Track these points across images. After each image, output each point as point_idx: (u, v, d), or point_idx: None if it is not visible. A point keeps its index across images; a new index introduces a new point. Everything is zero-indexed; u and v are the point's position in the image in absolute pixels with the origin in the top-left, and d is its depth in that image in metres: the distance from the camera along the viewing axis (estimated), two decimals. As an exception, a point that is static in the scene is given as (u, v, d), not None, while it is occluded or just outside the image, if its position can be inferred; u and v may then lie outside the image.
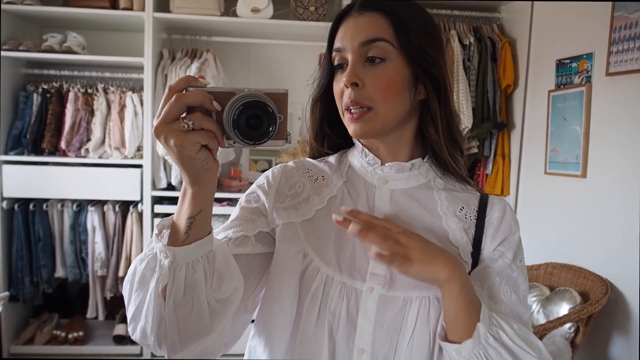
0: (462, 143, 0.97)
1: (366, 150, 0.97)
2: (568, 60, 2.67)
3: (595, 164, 2.47)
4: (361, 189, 0.96)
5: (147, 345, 0.76)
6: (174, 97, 0.67)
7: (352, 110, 0.87)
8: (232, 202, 3.10)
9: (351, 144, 1.03)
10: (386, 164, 0.95)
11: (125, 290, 0.78)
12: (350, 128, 0.89)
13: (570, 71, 2.65)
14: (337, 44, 0.90)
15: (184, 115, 0.68)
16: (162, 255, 0.73)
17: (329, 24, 0.95)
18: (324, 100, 0.97)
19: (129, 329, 0.77)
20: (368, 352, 0.85)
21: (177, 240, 0.74)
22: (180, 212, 0.75)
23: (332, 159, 1.02)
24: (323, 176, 0.98)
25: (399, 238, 0.81)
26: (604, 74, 2.40)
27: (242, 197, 0.98)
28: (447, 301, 0.82)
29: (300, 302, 0.87)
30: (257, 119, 0.68)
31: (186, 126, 0.66)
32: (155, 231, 0.77)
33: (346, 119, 0.89)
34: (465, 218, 0.93)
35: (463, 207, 0.94)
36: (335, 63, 0.91)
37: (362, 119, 0.87)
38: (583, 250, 2.53)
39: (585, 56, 2.54)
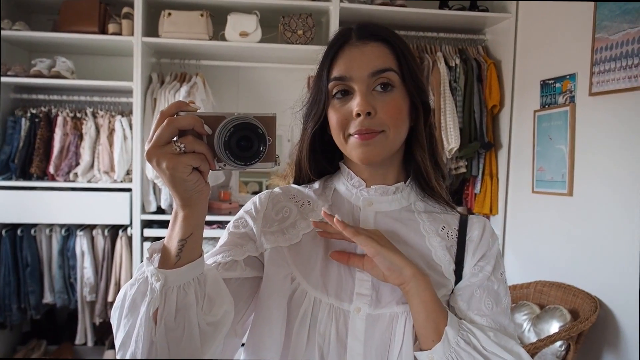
0: (444, 168, 1.01)
1: (352, 173, 1.00)
2: (552, 81, 2.72)
3: (581, 183, 2.50)
4: (346, 211, 0.98)
5: None
6: (165, 121, 0.69)
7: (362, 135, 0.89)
8: (222, 224, 3.09)
9: (335, 169, 1.06)
10: (372, 187, 0.98)
11: (113, 317, 0.77)
12: (357, 152, 0.90)
13: (554, 91, 2.70)
14: (339, 73, 0.91)
15: (175, 138, 0.69)
16: (154, 278, 0.73)
17: (317, 47, 0.99)
18: (315, 125, 0.98)
19: (118, 356, 0.77)
20: None
21: (169, 263, 0.75)
22: (172, 235, 0.76)
23: (316, 184, 1.05)
24: (309, 201, 1.01)
25: (375, 237, 0.87)
26: (587, 94, 2.45)
27: (230, 223, 0.99)
28: (414, 300, 0.85)
29: (289, 325, 0.89)
30: (247, 140, 0.70)
31: (178, 149, 0.68)
32: (147, 255, 0.78)
33: (352, 143, 0.91)
34: (447, 237, 0.96)
35: (444, 227, 0.97)
36: (336, 91, 0.92)
37: (373, 141, 0.89)
38: (572, 268, 2.55)
39: (568, 77, 2.59)
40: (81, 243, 3.07)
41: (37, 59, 3.07)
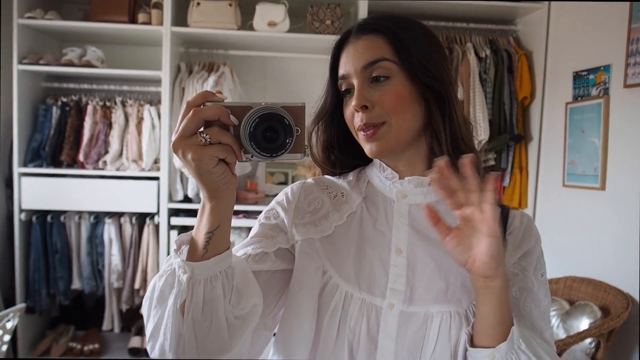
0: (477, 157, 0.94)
1: (384, 165, 0.97)
2: (585, 72, 2.65)
3: (614, 177, 2.44)
4: (380, 204, 0.96)
5: None
6: (191, 112, 0.68)
7: (364, 130, 0.88)
8: (249, 214, 3.10)
9: (368, 162, 1.03)
10: (405, 178, 0.95)
11: (144, 308, 0.78)
12: (367, 148, 0.90)
13: (587, 83, 2.63)
14: (341, 71, 0.92)
15: (201, 129, 0.68)
16: (181, 270, 0.73)
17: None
18: (334, 124, 0.98)
19: (148, 347, 0.77)
20: None
21: (196, 255, 0.74)
22: (199, 227, 0.75)
23: (350, 175, 1.03)
24: (342, 193, 0.99)
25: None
26: (621, 86, 2.38)
27: (261, 214, 0.98)
28: (493, 299, 0.77)
29: (319, 319, 0.87)
30: (273, 131, 0.68)
31: (204, 140, 0.67)
32: (174, 247, 0.77)
33: (361, 139, 0.90)
34: None
35: None
36: (343, 89, 0.92)
37: (377, 135, 0.87)
38: (603, 263, 2.50)
39: (602, 68, 2.53)
40: (109, 230, 3.11)
41: (68, 48, 3.11)
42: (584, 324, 2.30)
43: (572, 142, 2.74)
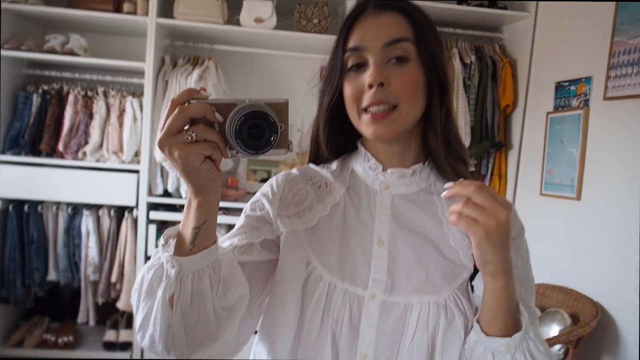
0: (463, 152, 0.97)
1: (369, 155, 0.98)
2: (567, 83, 2.69)
3: (590, 187, 2.49)
4: (363, 195, 0.97)
5: (156, 352, 0.78)
6: (176, 109, 0.69)
7: (373, 111, 0.87)
8: (229, 211, 3.09)
9: (353, 148, 1.03)
10: (388, 170, 0.96)
11: (133, 299, 0.80)
12: (370, 129, 0.89)
13: (568, 94, 2.67)
14: (354, 43, 0.89)
15: (187, 127, 0.69)
16: (169, 265, 0.74)
17: (333, 37, 0.96)
18: (331, 100, 0.96)
19: (138, 337, 0.79)
20: (370, 357, 0.86)
21: (183, 250, 0.76)
22: (186, 223, 0.76)
23: (334, 165, 1.03)
24: (326, 183, 1.00)
25: (502, 213, 0.74)
26: (601, 98, 2.43)
27: (247, 204, 1.00)
28: (489, 297, 0.81)
29: (303, 309, 0.89)
30: (258, 129, 0.70)
31: (189, 138, 0.68)
32: (162, 241, 0.79)
33: (364, 120, 0.89)
34: None
35: None
36: (351, 64, 0.90)
37: (386, 120, 0.87)
38: (575, 272, 2.54)
39: (584, 79, 2.57)
40: (87, 222, 3.08)
41: (51, 35, 3.06)
42: (554, 330, 2.35)
43: (551, 152, 2.78)
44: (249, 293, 0.84)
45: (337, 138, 1.02)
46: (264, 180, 3.56)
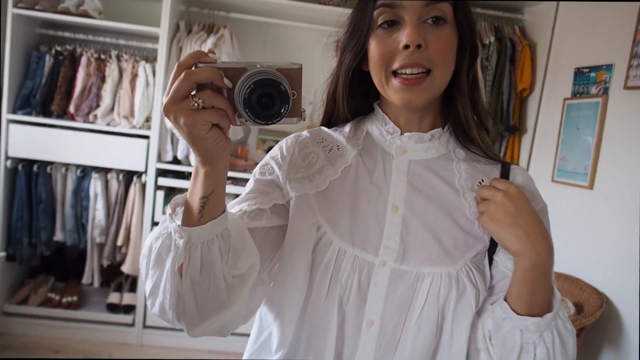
0: (487, 120, 0.94)
1: (386, 117, 0.94)
2: (587, 70, 2.63)
3: (603, 177, 2.45)
4: (378, 158, 0.93)
5: (167, 320, 0.78)
6: (182, 74, 0.65)
7: (406, 75, 0.82)
8: (237, 181, 3.09)
9: (369, 111, 1.00)
10: (405, 134, 0.93)
11: (142, 265, 0.79)
12: (399, 95, 0.85)
13: (588, 81, 2.62)
14: None
15: (193, 93, 0.66)
16: (177, 235, 0.72)
17: (350, 10, 0.93)
18: (356, 55, 0.91)
19: (148, 303, 0.79)
20: (377, 324, 0.85)
21: (192, 220, 0.74)
22: (194, 192, 0.74)
23: (347, 127, 0.99)
24: (338, 146, 0.96)
25: (496, 196, 0.81)
26: (622, 87, 2.37)
27: (256, 168, 0.96)
28: (513, 276, 0.81)
29: (312, 273, 0.87)
30: (269, 98, 0.66)
31: (196, 104, 0.65)
32: (169, 210, 0.77)
33: (394, 85, 0.85)
34: None
35: (482, 180, 0.91)
36: (382, 21, 0.84)
37: (419, 87, 0.83)
38: (582, 261, 2.52)
39: (604, 67, 2.51)
40: (95, 185, 3.09)
41: (66, -4, 3.03)
42: (557, 319, 2.34)
43: (565, 139, 2.74)
44: (259, 261, 0.82)
45: (355, 98, 0.97)
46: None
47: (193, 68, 0.67)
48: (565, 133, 2.74)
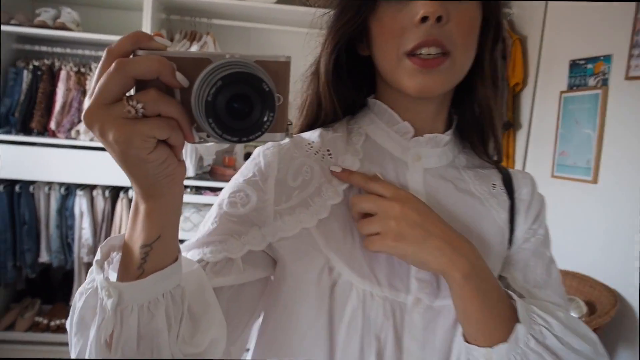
0: (503, 114, 0.82)
1: (395, 115, 0.74)
2: (583, 62, 2.57)
3: (608, 170, 2.38)
4: (389, 168, 0.73)
5: None
6: (113, 64, 0.44)
7: (422, 55, 0.64)
8: (227, 192, 2.99)
9: (359, 108, 0.80)
10: (424, 136, 0.74)
11: (67, 326, 0.58)
12: (415, 81, 0.66)
13: (584, 73, 2.56)
14: None
15: (130, 93, 0.46)
16: (104, 292, 0.51)
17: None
18: (338, 41, 0.73)
19: None
20: None
21: (129, 271, 0.53)
22: (132, 236, 0.53)
23: (338, 128, 0.77)
24: (329, 150, 0.73)
25: (392, 208, 0.64)
26: (622, 78, 2.31)
27: (222, 194, 0.71)
28: (451, 295, 0.65)
29: (332, 332, 0.67)
30: (244, 102, 0.45)
31: (133, 111, 0.45)
32: (98, 255, 0.55)
33: (407, 67, 0.66)
34: (503, 193, 0.79)
35: (495, 185, 0.78)
36: None
37: (438, 69, 0.65)
38: (590, 258, 2.45)
39: (602, 58, 2.45)
40: (80, 203, 2.97)
41: (42, 9, 2.92)
42: (569, 318, 2.26)
43: (564, 133, 2.68)
44: (225, 333, 0.60)
45: (347, 90, 0.77)
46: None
47: (130, 57, 0.47)
48: (564, 127, 2.68)
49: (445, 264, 0.63)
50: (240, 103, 0.45)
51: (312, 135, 0.76)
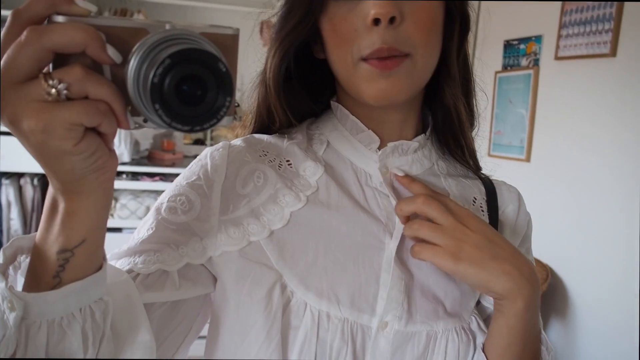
0: (476, 114, 0.74)
1: (358, 123, 0.67)
2: (516, 42, 2.63)
3: (540, 149, 2.47)
4: (350, 180, 0.67)
5: None
6: (25, 32, 0.35)
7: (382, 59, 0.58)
8: (166, 177, 2.90)
9: (322, 110, 0.73)
10: (388, 144, 0.67)
11: None
12: (374, 87, 0.59)
13: (517, 53, 2.62)
14: None
15: (48, 70, 0.37)
16: (6, 304, 0.42)
17: None
18: (292, 46, 0.65)
19: None
20: None
21: (41, 280, 0.44)
22: (47, 239, 0.43)
23: (297, 134, 0.70)
24: (288, 160, 0.66)
25: (456, 225, 0.58)
26: (552, 58, 2.38)
27: (161, 197, 0.63)
28: (499, 323, 0.60)
29: (285, 357, 0.59)
30: (196, 85, 0.38)
31: (55, 92, 0.36)
32: (0, 259, 0.45)
33: (363, 73, 0.59)
34: (482, 211, 0.71)
35: (476, 198, 0.71)
36: None
37: (397, 71, 0.57)
38: (524, 234, 2.54)
39: (533, 38, 2.51)
40: (7, 192, 2.83)
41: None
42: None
43: (499, 112, 2.74)
44: (155, 356, 0.51)
45: (299, 96, 0.70)
46: (199, 142, 3.33)
47: (46, 24, 0.37)
48: (499, 106, 2.74)
49: (510, 289, 0.57)
50: (192, 85, 0.37)
51: (270, 139, 0.68)
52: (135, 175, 2.91)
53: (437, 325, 0.61)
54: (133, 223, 2.79)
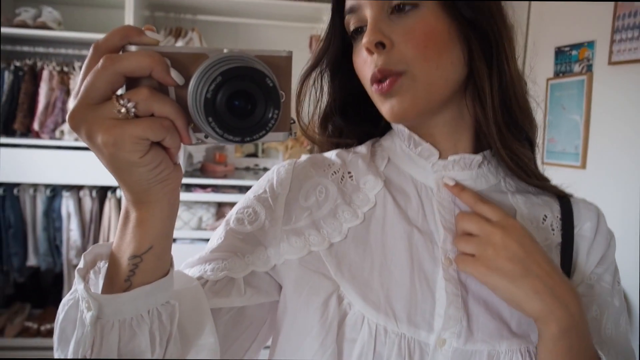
0: (532, 130, 0.70)
1: (415, 137, 0.68)
2: (568, 48, 2.59)
3: (595, 155, 2.40)
4: (411, 194, 0.68)
5: None
6: (101, 60, 0.42)
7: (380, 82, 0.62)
8: (218, 189, 2.96)
9: (382, 132, 0.76)
10: (449, 157, 0.68)
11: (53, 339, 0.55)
12: (384, 109, 0.63)
13: (570, 59, 2.57)
14: (350, 1, 0.65)
15: (120, 92, 0.43)
16: (84, 304, 0.47)
17: (324, 5, 0.74)
18: (337, 80, 0.73)
19: None
20: None
21: (115, 284, 0.49)
22: (121, 245, 0.49)
23: (362, 147, 0.74)
24: (350, 172, 0.69)
25: (494, 234, 0.58)
26: (606, 63, 2.32)
27: (232, 211, 0.68)
28: (540, 346, 0.59)
29: None
30: (246, 99, 0.43)
31: (124, 111, 0.42)
32: (81, 264, 0.51)
33: (374, 96, 0.65)
34: (552, 230, 0.69)
35: (546, 216, 0.70)
36: (352, 28, 0.66)
37: (395, 89, 0.60)
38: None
39: (586, 44, 2.46)
40: (67, 204, 2.93)
41: (22, 8, 2.87)
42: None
43: (552, 119, 2.69)
44: (218, 357, 0.55)
45: (359, 120, 0.76)
46: (251, 155, 3.39)
47: (120, 53, 0.44)
48: (551, 114, 2.69)
49: (540, 311, 0.56)
50: (242, 100, 0.42)
51: (334, 153, 0.73)
52: (188, 187, 2.98)
53: (500, 345, 0.60)
54: (186, 234, 2.85)
